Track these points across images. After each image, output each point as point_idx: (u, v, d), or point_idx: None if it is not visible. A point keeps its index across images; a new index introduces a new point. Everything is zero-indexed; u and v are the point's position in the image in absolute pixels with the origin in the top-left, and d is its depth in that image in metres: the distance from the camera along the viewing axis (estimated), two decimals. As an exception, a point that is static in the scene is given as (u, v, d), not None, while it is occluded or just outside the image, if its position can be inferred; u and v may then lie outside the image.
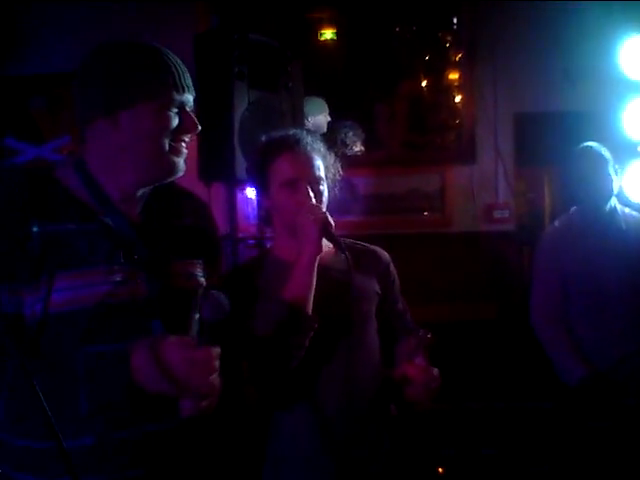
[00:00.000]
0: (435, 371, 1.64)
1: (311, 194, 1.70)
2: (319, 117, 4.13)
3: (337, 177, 1.81)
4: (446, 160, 3.88)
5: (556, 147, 3.35)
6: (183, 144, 1.41)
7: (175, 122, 1.38)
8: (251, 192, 3.60)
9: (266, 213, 1.84)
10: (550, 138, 3.36)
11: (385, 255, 1.87)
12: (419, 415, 1.72)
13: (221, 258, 1.68)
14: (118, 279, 1.33)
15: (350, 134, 4.16)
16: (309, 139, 1.77)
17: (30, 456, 1.31)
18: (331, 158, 1.80)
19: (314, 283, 1.64)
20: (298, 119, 3.44)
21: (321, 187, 1.74)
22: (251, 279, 1.75)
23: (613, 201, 2.64)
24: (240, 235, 3.46)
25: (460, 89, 4.15)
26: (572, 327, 2.65)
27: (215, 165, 3.15)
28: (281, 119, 3.25)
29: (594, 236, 2.62)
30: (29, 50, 3.75)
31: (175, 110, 1.38)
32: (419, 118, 4.60)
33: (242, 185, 3.58)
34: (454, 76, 4.52)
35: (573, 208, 2.73)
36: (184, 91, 1.39)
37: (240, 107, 3.12)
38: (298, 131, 1.80)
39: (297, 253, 1.66)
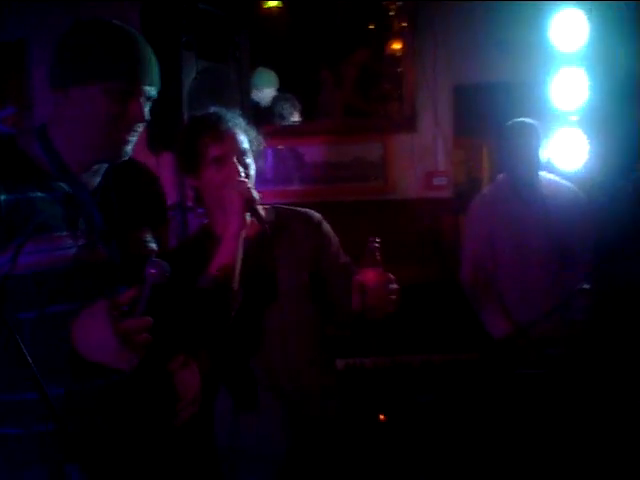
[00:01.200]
0: (391, 275, 1.64)
1: (239, 168, 1.75)
2: (267, 90, 4.20)
3: (260, 149, 1.87)
4: (388, 129, 4.00)
5: (492, 118, 3.54)
6: (131, 133, 1.42)
7: (125, 109, 1.39)
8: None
9: (196, 193, 1.86)
10: (487, 109, 3.52)
11: (316, 216, 1.93)
12: (381, 321, 1.69)
13: (168, 227, 1.74)
14: (81, 243, 1.40)
15: (287, 106, 4.24)
16: (229, 116, 1.83)
17: (5, 408, 1.40)
18: (253, 132, 1.86)
19: (239, 256, 1.68)
20: (245, 89, 3.50)
21: (247, 160, 1.79)
22: (195, 256, 1.78)
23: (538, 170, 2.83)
24: (189, 204, 3.53)
25: (402, 59, 4.26)
26: (499, 286, 2.87)
27: (164, 134, 3.17)
28: (229, 89, 3.31)
29: (518, 202, 2.81)
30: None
31: (127, 97, 1.39)
32: (364, 87, 4.68)
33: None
34: (397, 46, 4.60)
35: (500, 175, 2.92)
36: (141, 81, 1.40)
37: (188, 77, 3.15)
38: (217, 109, 1.85)
39: (223, 227, 1.71)
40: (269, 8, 5.16)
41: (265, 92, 4.34)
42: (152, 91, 1.44)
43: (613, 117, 3.20)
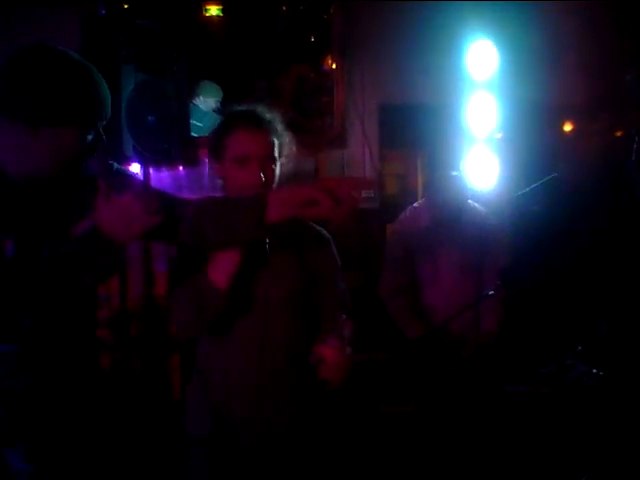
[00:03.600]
0: (347, 352, 1.69)
1: (260, 173, 1.72)
2: (210, 100, 4.37)
3: (291, 156, 1.83)
4: (321, 144, 4.20)
5: (417, 134, 3.81)
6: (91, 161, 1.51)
7: (88, 143, 1.49)
8: (136, 168, 3.79)
9: (219, 184, 1.85)
10: (410, 127, 3.79)
11: (327, 235, 1.92)
12: (330, 394, 1.77)
13: None
14: None
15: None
16: (267, 116, 1.79)
17: None
18: (286, 136, 1.81)
19: (236, 265, 1.67)
20: (183, 101, 3.66)
21: (272, 166, 1.76)
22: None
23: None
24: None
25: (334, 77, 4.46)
26: (419, 294, 3.14)
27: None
28: (166, 101, 3.47)
29: (437, 228, 3.09)
30: None
31: (88, 134, 1.48)
32: (302, 101, 4.85)
33: (129, 162, 3.76)
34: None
35: (421, 201, 3.20)
36: (101, 121, 1.50)
37: (127, 89, 3.30)
38: (258, 108, 1.81)
39: None
40: (210, 17, 5.26)
41: (208, 103, 4.52)
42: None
43: (520, 139, 3.51)
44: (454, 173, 3.11)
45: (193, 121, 3.87)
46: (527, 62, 3.45)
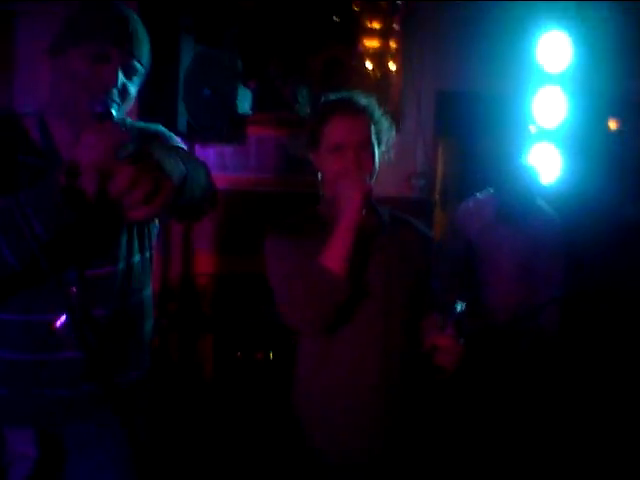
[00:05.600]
0: (462, 341, 1.68)
1: (356, 160, 1.65)
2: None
3: (391, 142, 1.76)
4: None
5: (476, 123, 3.68)
6: (103, 97, 1.38)
7: (96, 73, 1.42)
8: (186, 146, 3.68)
9: (319, 175, 1.79)
10: (468, 115, 3.66)
11: (430, 233, 1.89)
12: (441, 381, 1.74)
13: None
14: None
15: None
16: (363, 101, 1.72)
17: None
18: (385, 122, 1.75)
19: (351, 251, 1.60)
20: (237, 75, 3.53)
21: (369, 153, 1.69)
22: (295, 233, 1.73)
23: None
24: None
25: (376, 57, 4.32)
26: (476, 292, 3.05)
27: (157, 117, 3.21)
28: (223, 74, 3.34)
29: (503, 223, 2.98)
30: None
31: (100, 61, 1.42)
32: (331, 81, 4.72)
33: (182, 138, 3.65)
34: (369, 44, 4.65)
35: (486, 193, 3.07)
36: (114, 46, 1.42)
37: (186, 60, 3.19)
38: (354, 94, 1.75)
39: (336, 220, 1.62)
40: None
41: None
42: (134, 62, 1.47)
43: (590, 136, 3.39)
44: (528, 164, 2.97)
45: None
46: (601, 56, 3.30)
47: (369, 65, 4.44)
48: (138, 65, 1.49)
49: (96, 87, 1.41)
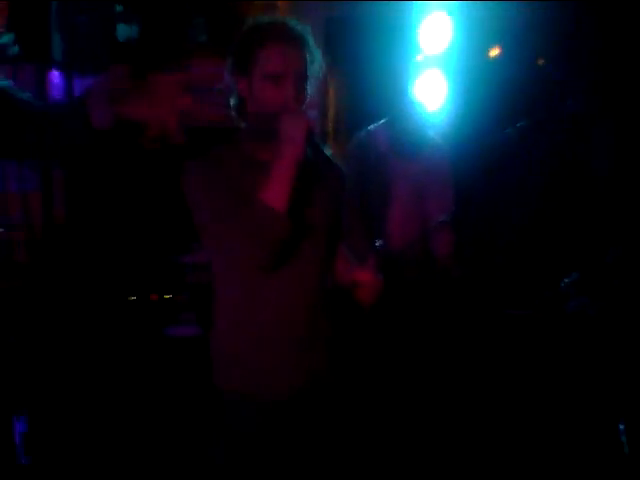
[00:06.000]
0: (380, 276, 1.74)
1: (295, 92, 1.60)
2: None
3: (319, 75, 1.70)
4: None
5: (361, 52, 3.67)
6: None
7: None
8: (60, 76, 3.46)
9: (240, 101, 1.70)
10: (358, 42, 3.65)
11: (341, 166, 1.89)
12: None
13: None
14: None
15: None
16: (302, 30, 1.65)
17: None
18: (318, 52, 1.68)
19: (291, 188, 1.58)
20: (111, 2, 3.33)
21: (305, 84, 1.64)
22: (217, 167, 1.68)
23: None
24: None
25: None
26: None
27: (28, 43, 2.99)
28: (97, 2, 3.15)
29: (397, 155, 3.03)
30: None
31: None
32: (222, 11, 4.53)
33: (54, 67, 3.42)
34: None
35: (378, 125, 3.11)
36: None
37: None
38: (291, 20, 1.67)
39: (276, 153, 1.58)
40: None
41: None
42: None
43: (472, 63, 3.47)
44: (416, 100, 3.03)
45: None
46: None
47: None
48: None
49: None
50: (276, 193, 1.57)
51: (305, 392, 1.74)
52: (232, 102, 1.74)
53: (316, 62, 1.68)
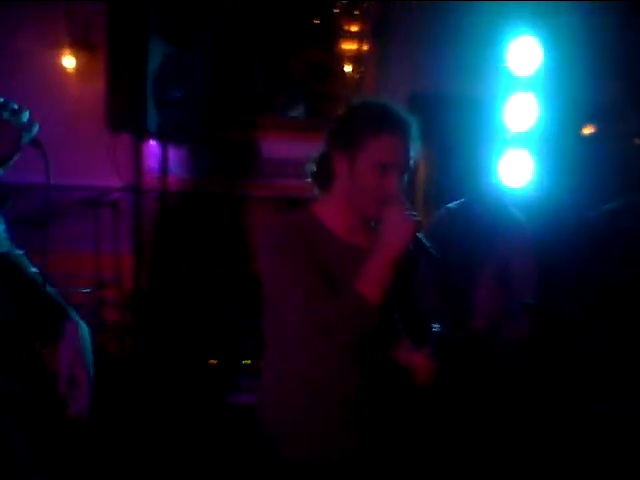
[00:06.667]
0: (436, 361, 1.76)
1: (399, 185, 1.60)
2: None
3: (414, 165, 1.67)
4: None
5: (444, 129, 3.68)
6: None
7: None
8: (156, 146, 3.65)
9: (328, 175, 1.67)
10: (442, 119, 3.66)
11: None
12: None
13: None
14: None
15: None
16: (409, 122, 1.64)
17: None
18: (418, 143, 1.65)
19: (389, 282, 1.57)
20: (207, 76, 3.51)
21: (405, 176, 1.64)
22: (299, 236, 1.63)
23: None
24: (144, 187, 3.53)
25: (354, 60, 4.32)
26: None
27: (125, 115, 3.19)
28: (195, 76, 3.33)
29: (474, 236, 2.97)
30: None
31: None
32: (314, 85, 4.70)
33: (150, 138, 3.61)
34: (347, 46, 4.65)
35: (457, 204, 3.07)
36: None
37: (154, 59, 3.17)
38: (402, 110, 1.65)
39: (376, 245, 1.57)
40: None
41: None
42: None
43: (561, 141, 3.40)
44: (499, 179, 2.98)
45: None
46: (571, 60, 3.31)
47: (347, 68, 4.44)
48: None
49: None
50: (372, 287, 1.56)
51: (359, 455, 1.72)
52: (312, 171, 1.74)
53: (415, 152, 1.66)
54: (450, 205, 3.09)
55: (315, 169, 1.73)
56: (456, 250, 2.96)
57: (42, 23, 3.59)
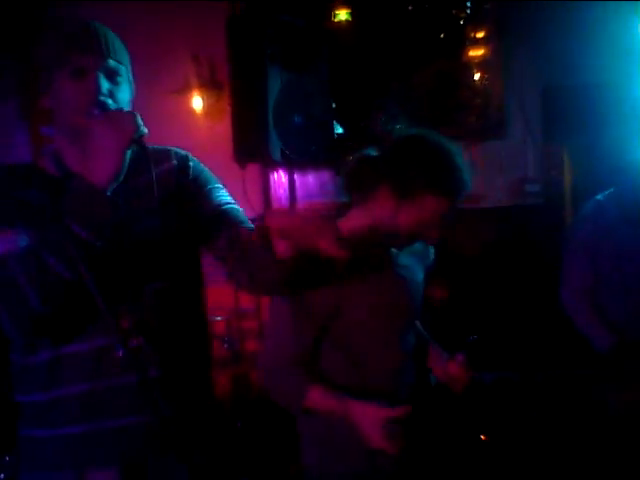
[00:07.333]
0: (470, 371, 1.81)
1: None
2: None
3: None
4: (475, 135, 3.87)
5: (583, 119, 3.39)
6: (97, 108, 1.35)
7: (81, 88, 1.36)
8: (283, 174, 3.69)
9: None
10: (577, 110, 3.39)
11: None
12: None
13: None
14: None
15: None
16: (468, 182, 1.66)
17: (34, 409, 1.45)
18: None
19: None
20: (326, 100, 3.49)
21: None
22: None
23: None
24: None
25: (482, 66, 4.14)
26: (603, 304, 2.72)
27: (250, 146, 3.24)
28: (312, 100, 3.32)
29: (628, 225, 2.67)
30: None
31: (82, 74, 1.36)
32: (439, 98, 4.57)
33: (276, 166, 3.65)
34: (474, 53, 4.48)
35: (607, 194, 2.77)
36: (85, 53, 1.36)
37: (273, 88, 3.19)
38: (470, 175, 1.67)
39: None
40: (339, 22, 5.12)
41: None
42: (112, 63, 1.39)
43: None
44: None
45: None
46: None
47: (476, 76, 4.26)
48: (119, 66, 1.41)
49: (83, 102, 1.36)
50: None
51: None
52: (350, 182, 1.76)
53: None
54: (598, 197, 2.80)
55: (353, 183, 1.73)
56: (606, 242, 2.67)
57: (173, 71, 3.79)
